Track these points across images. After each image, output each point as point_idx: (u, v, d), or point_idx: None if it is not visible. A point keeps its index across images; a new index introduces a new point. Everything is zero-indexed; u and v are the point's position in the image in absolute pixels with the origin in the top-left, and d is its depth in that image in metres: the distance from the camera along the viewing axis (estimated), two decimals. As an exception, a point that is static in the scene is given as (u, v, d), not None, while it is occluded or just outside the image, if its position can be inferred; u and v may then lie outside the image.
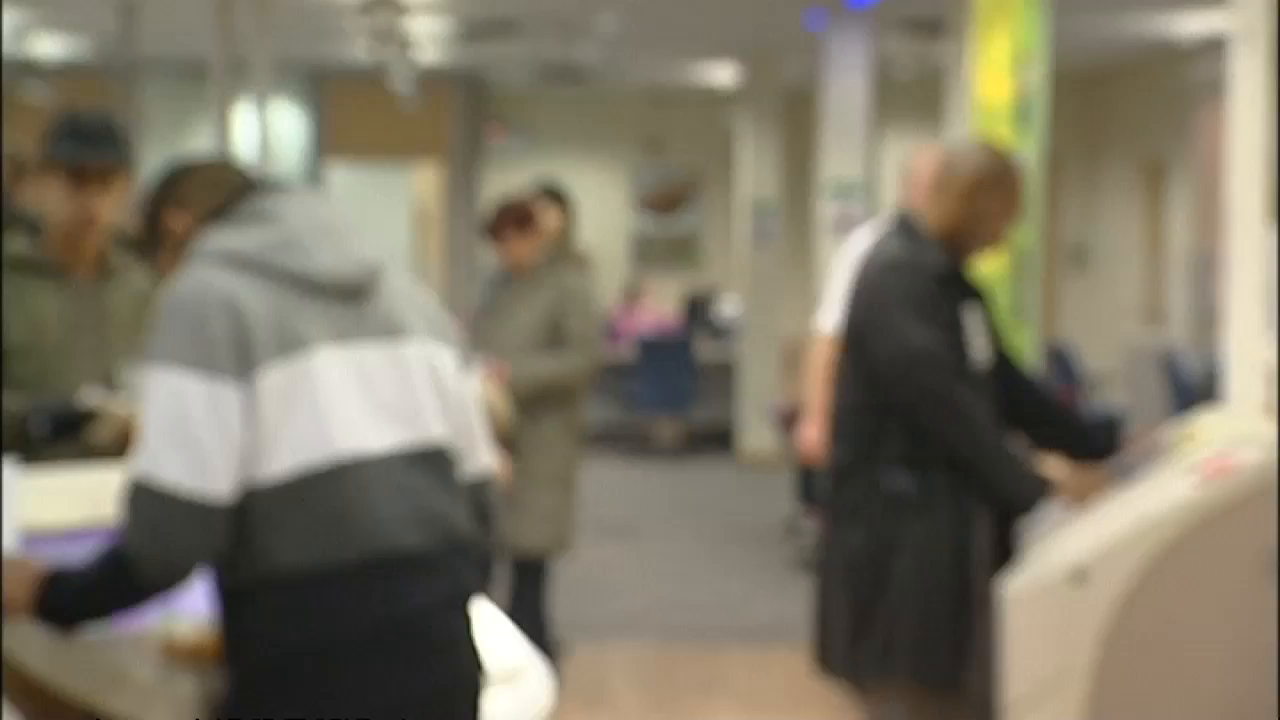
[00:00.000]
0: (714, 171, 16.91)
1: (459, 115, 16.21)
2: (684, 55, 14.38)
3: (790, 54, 13.00)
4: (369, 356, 2.55)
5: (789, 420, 9.76)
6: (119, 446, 3.51)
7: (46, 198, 3.66)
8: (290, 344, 2.47)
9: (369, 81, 14.71)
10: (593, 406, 12.91)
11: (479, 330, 5.80)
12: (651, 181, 17.24)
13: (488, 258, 6.62)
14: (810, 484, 8.91)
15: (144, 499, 2.40)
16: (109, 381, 3.61)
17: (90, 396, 3.51)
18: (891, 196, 14.95)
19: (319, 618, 2.43)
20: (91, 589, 2.46)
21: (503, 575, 5.72)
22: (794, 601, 7.77)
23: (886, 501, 3.98)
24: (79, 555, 2.52)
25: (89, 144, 3.60)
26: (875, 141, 11.46)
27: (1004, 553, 4.07)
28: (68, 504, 2.92)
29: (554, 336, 5.76)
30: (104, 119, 3.67)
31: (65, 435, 3.51)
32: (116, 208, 3.63)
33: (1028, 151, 5.55)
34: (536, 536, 5.72)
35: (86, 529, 2.83)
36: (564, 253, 5.98)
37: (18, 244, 3.67)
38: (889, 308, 3.98)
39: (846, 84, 11.09)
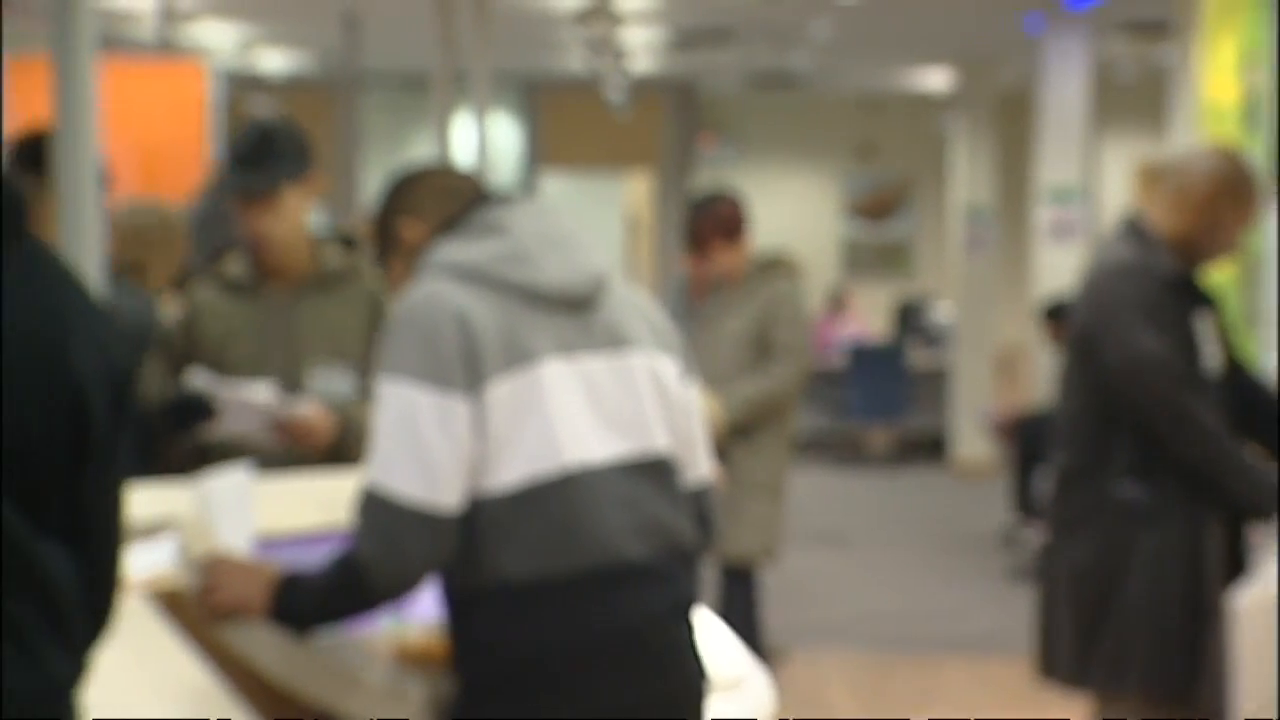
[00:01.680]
0: (927, 177, 16.75)
1: (670, 124, 16.28)
2: (897, 61, 14.28)
3: (1006, 57, 12.84)
4: (594, 367, 2.57)
5: (1003, 429, 9.63)
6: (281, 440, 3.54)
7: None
8: (518, 356, 2.50)
9: (582, 91, 14.86)
10: (804, 414, 12.90)
11: (688, 340, 5.82)
12: (863, 187, 17.14)
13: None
14: (1027, 493, 8.78)
15: (375, 509, 2.44)
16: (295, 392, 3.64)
17: (196, 380, 3.50)
18: (1112, 201, 14.70)
19: (545, 627, 2.46)
20: (324, 595, 2.51)
21: (712, 582, 5.73)
22: (1012, 612, 7.66)
23: (1116, 511, 3.90)
24: (312, 560, 2.58)
25: (244, 170, 3.60)
26: (1094, 146, 11.25)
27: (1235, 563, 3.97)
28: (301, 509, 2.99)
29: (762, 346, 5.75)
30: (263, 135, 3.63)
31: (192, 422, 3.51)
32: (288, 222, 3.62)
33: (1257, 153, 5.41)
34: (745, 544, 5.72)
35: (319, 534, 2.89)
36: (772, 261, 5.97)
37: (236, 265, 3.73)
38: (1118, 313, 3.90)
39: (1065, 87, 10.92)
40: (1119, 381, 3.89)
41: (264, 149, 3.60)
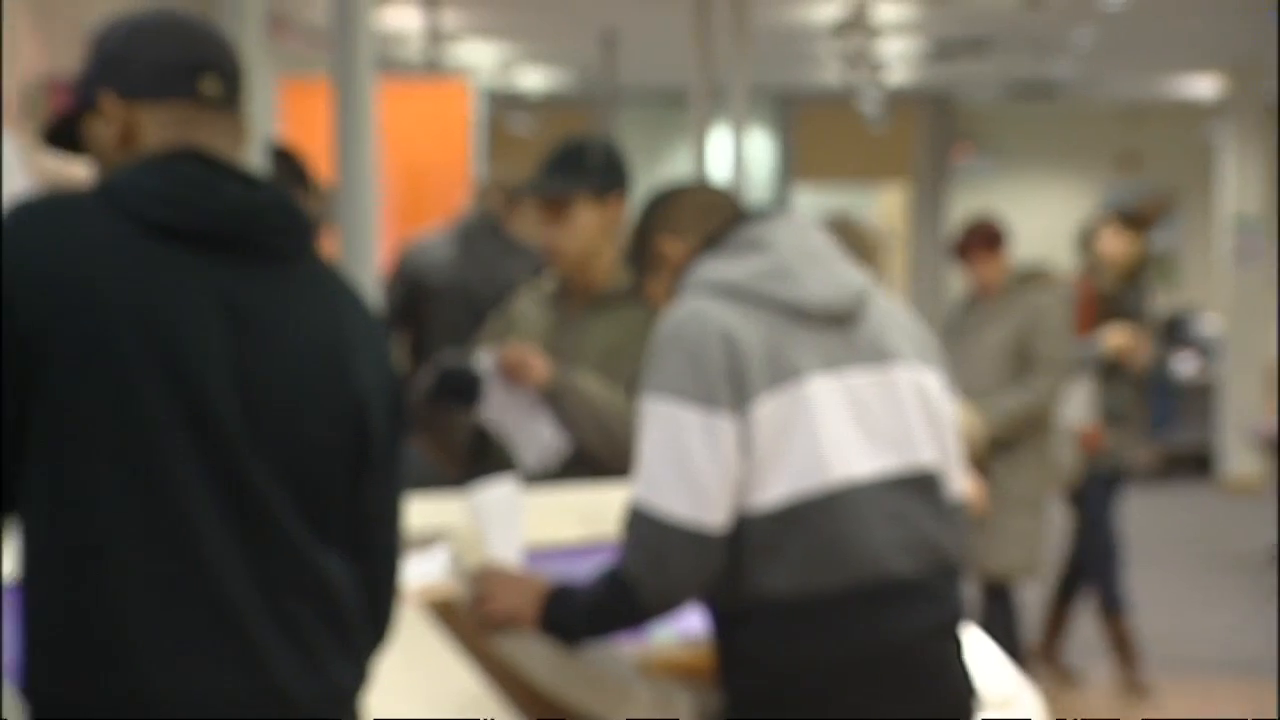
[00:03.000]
0: (1192, 187, 16.32)
1: (926, 135, 16.13)
2: (1163, 68, 13.94)
3: None
4: (859, 382, 2.55)
5: (1276, 444, 9.34)
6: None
7: (527, 228, 3.67)
8: (783, 373, 2.49)
9: (837, 104, 14.81)
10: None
11: (947, 353, 5.77)
12: (1125, 199, 16.76)
13: (954, 279, 6.62)
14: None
15: (644, 527, 2.46)
16: None
17: (483, 361, 3.49)
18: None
19: (812, 643, 2.45)
20: (592, 609, 2.54)
21: (973, 599, 5.66)
22: (1287, 635, 7.41)
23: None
24: (579, 573, 2.61)
25: (545, 175, 3.59)
26: (1372, 152, 10.86)
27: None
28: (566, 521, 3.02)
29: (1022, 358, 5.69)
30: (574, 147, 3.61)
31: (453, 396, 3.49)
32: (580, 238, 3.59)
33: None
34: (1006, 560, 5.65)
35: (585, 546, 2.92)
36: (1032, 273, 5.91)
37: (551, 279, 3.75)
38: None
39: (1340, 92, 10.56)
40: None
41: (570, 160, 3.59)
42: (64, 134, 2.12)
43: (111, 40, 2.08)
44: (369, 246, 2.71)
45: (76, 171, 2.77)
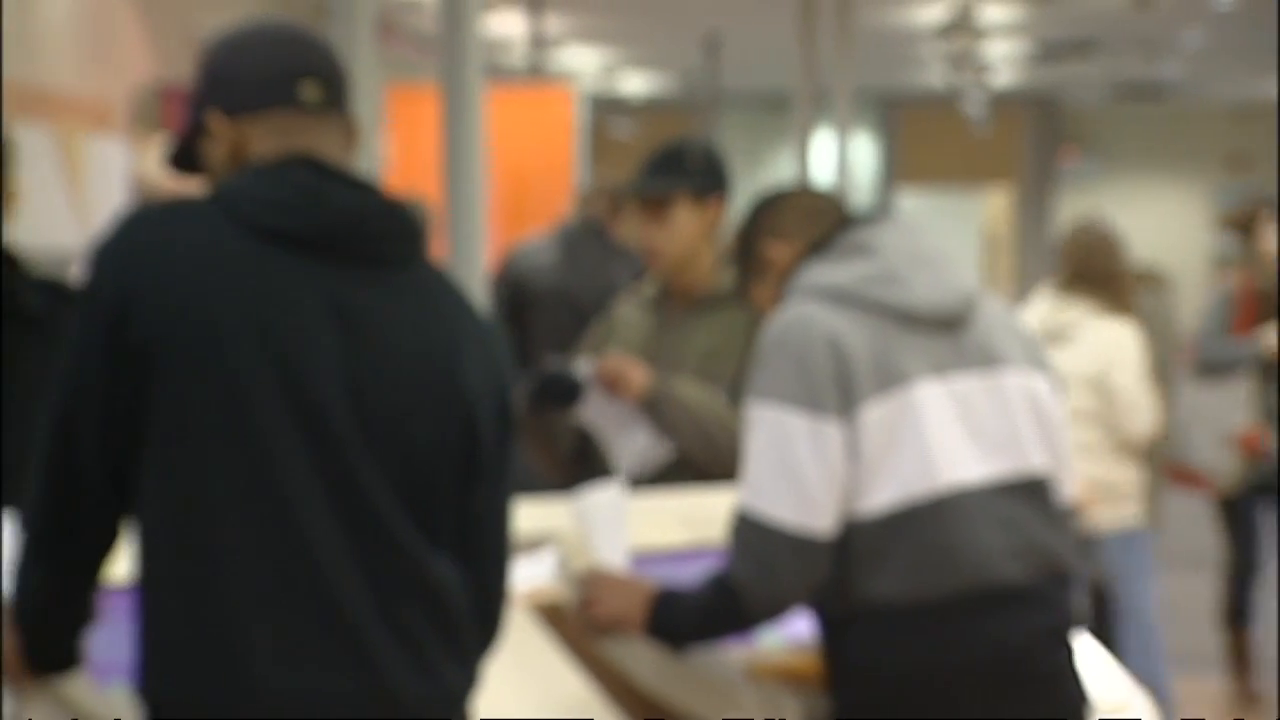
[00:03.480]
0: (1304, 188, 16.11)
1: (1031, 138, 16.03)
2: (1273, 68, 13.76)
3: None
4: (968, 387, 2.53)
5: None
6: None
7: (631, 232, 3.65)
8: (891, 378, 2.48)
9: (941, 106, 14.74)
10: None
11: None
12: (1234, 200, 16.56)
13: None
14: None
15: (750, 533, 2.46)
16: None
17: (582, 368, 3.50)
18: None
19: (921, 649, 2.43)
20: (699, 614, 2.54)
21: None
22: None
23: None
24: (685, 576, 2.61)
25: (645, 175, 3.59)
26: None
27: None
28: (671, 525, 3.02)
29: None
30: (674, 148, 3.62)
31: (552, 402, 3.50)
32: (679, 240, 3.58)
33: None
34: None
35: (690, 550, 2.92)
36: (1138, 275, 5.86)
37: (652, 283, 3.75)
38: None
39: None
40: None
41: (669, 161, 3.60)
42: (185, 157, 2.16)
43: (211, 60, 2.12)
44: (477, 250, 2.73)
45: (174, 182, 2.81)
